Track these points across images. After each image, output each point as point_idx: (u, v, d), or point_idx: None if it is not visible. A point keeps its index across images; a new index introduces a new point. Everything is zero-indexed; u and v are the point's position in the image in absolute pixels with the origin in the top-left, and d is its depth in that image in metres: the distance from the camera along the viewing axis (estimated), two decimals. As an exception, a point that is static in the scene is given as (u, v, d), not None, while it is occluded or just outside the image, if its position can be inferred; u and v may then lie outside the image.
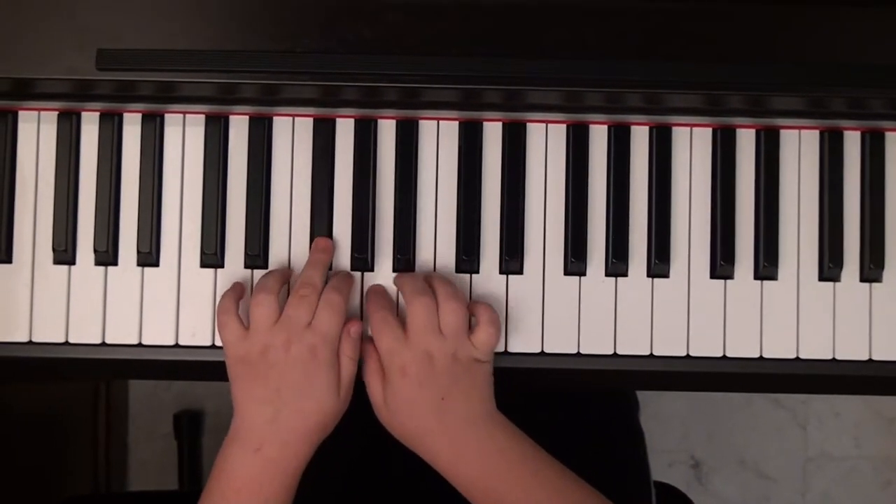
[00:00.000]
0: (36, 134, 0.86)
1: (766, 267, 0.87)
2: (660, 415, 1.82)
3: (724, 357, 0.87)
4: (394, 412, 0.81)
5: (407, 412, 0.80)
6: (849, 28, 0.81)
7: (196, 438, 1.77)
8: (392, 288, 0.86)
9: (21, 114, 0.86)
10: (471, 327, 0.82)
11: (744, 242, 0.87)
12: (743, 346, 0.87)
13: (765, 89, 0.82)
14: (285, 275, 0.84)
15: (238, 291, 0.84)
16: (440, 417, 0.79)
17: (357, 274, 0.86)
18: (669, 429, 1.83)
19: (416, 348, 0.80)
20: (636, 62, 0.80)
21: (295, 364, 0.79)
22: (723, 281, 0.87)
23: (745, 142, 0.88)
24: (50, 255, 0.86)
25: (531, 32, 0.80)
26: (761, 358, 0.87)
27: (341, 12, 0.80)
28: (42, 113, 0.86)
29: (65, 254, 0.86)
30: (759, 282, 0.87)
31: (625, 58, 0.80)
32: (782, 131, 0.88)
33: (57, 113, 0.86)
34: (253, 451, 0.79)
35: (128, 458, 1.76)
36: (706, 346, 0.87)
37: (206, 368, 0.86)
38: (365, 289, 0.85)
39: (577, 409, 1.05)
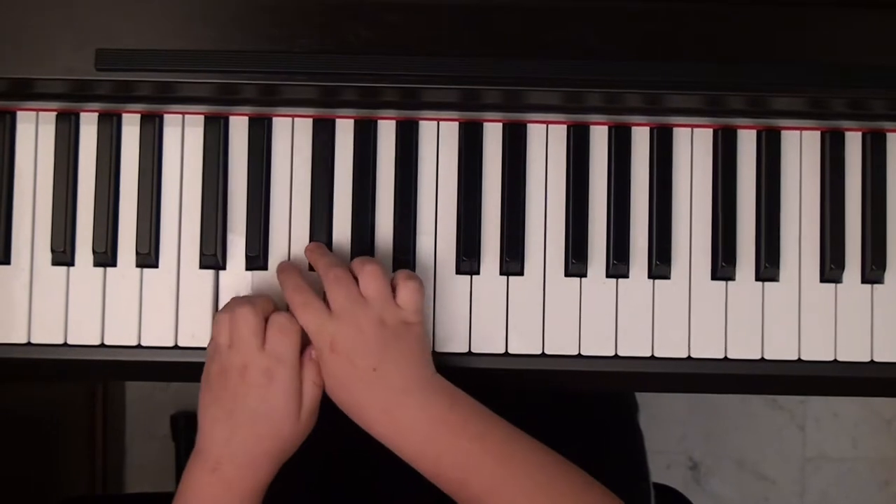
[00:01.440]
0: (34, 134, 0.86)
1: (768, 268, 0.87)
2: (658, 416, 1.82)
3: (726, 358, 0.87)
4: (331, 390, 0.79)
5: (342, 388, 0.78)
6: (849, 29, 0.81)
7: (193, 440, 1.76)
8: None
9: (19, 114, 0.86)
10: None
11: (745, 244, 0.87)
12: (744, 348, 0.87)
13: (766, 90, 0.82)
14: (251, 299, 0.81)
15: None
16: (373, 389, 0.77)
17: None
18: (667, 430, 1.83)
19: (341, 320, 0.78)
20: (637, 63, 0.80)
21: (250, 388, 0.77)
22: (724, 282, 0.87)
23: (746, 142, 0.88)
24: (48, 256, 0.85)
25: (531, 32, 0.80)
26: (763, 359, 0.87)
27: (341, 12, 0.79)
28: (40, 113, 0.86)
29: (63, 255, 0.85)
30: (760, 283, 0.87)
31: (625, 58, 0.80)
32: (783, 132, 0.88)
33: (55, 113, 0.86)
34: (210, 471, 0.78)
35: (125, 459, 1.75)
36: (708, 348, 0.87)
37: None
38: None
39: (577, 409, 1.04)
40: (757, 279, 0.87)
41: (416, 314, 0.80)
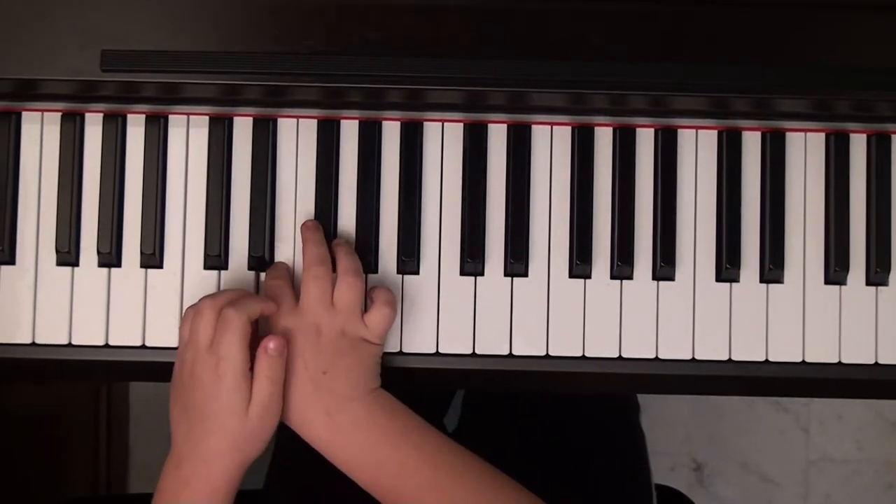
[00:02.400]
0: (39, 135, 0.86)
1: (772, 270, 0.87)
2: (661, 417, 1.82)
3: (730, 360, 0.87)
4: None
5: (288, 383, 0.79)
6: (855, 31, 0.81)
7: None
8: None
9: (24, 115, 0.86)
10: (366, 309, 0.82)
11: (749, 245, 0.87)
12: (749, 350, 0.87)
13: (770, 92, 0.82)
14: (221, 299, 0.81)
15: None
16: (318, 391, 0.78)
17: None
18: (671, 431, 1.83)
19: (305, 318, 0.80)
20: (641, 64, 0.80)
21: (197, 385, 0.78)
22: (729, 284, 0.87)
23: (751, 144, 0.88)
24: (53, 256, 0.86)
25: (536, 34, 0.80)
26: (767, 361, 0.87)
27: (346, 14, 0.79)
28: (45, 114, 0.86)
29: (68, 255, 0.85)
30: (765, 285, 0.87)
31: (630, 60, 0.80)
32: (788, 134, 0.88)
33: (60, 114, 0.86)
34: (175, 468, 0.79)
35: (129, 459, 1.75)
36: (712, 350, 0.86)
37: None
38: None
39: (578, 410, 1.04)
40: (762, 281, 0.87)
41: (378, 338, 0.81)
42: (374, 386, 0.81)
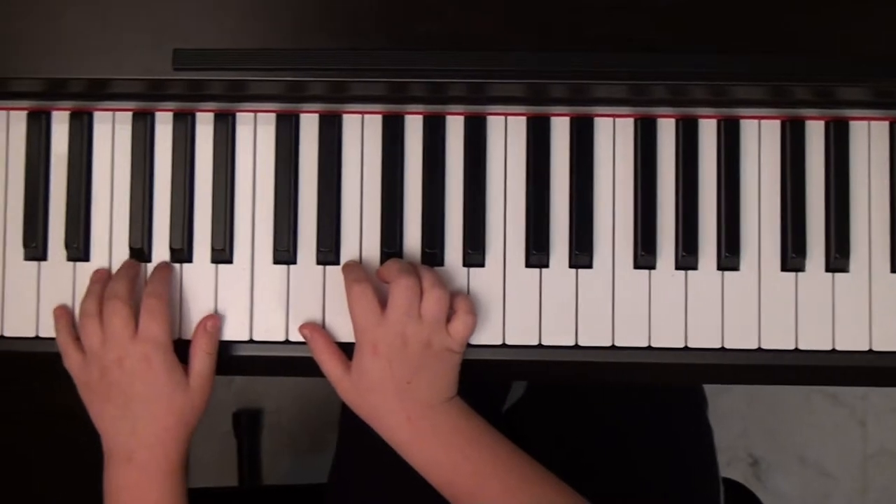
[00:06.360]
0: (111, 134, 0.88)
1: (838, 259, 0.86)
2: (717, 412, 1.80)
3: (797, 350, 0.86)
4: (357, 387, 0.82)
5: (371, 389, 0.81)
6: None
7: (255, 436, 1.78)
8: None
9: (96, 115, 0.88)
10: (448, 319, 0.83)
11: (815, 235, 0.87)
12: (815, 339, 0.86)
13: (833, 80, 0.82)
14: (99, 294, 0.84)
15: (69, 318, 0.85)
16: (401, 399, 0.80)
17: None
18: (728, 425, 1.82)
19: (391, 329, 0.80)
20: (704, 54, 0.80)
21: (133, 377, 0.81)
22: (794, 273, 0.87)
23: (815, 133, 0.88)
24: (126, 253, 0.87)
25: (598, 26, 0.80)
26: (834, 350, 0.86)
27: (410, 9, 0.80)
28: (117, 113, 0.88)
29: (140, 252, 0.87)
30: (830, 274, 0.87)
31: (692, 50, 0.80)
32: (852, 122, 0.88)
33: (131, 113, 0.87)
34: (126, 463, 0.82)
35: (189, 455, 1.77)
36: (778, 339, 0.86)
37: (280, 363, 0.87)
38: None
39: (647, 404, 1.04)
40: (827, 270, 0.87)
41: (461, 346, 0.83)
42: (453, 394, 0.83)
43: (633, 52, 0.80)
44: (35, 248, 0.87)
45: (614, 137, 0.88)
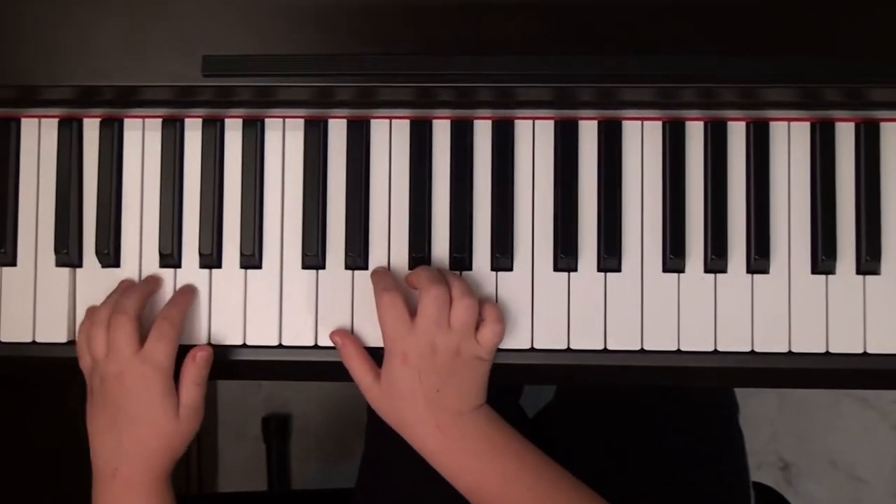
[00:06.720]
0: (141, 141, 0.89)
1: (869, 261, 0.86)
2: (747, 416, 1.78)
3: (828, 353, 0.86)
4: (387, 395, 0.82)
5: (400, 397, 0.81)
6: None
7: (284, 441, 1.79)
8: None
9: (126, 122, 0.89)
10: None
11: (845, 237, 0.86)
12: (846, 342, 0.86)
13: (864, 81, 0.81)
14: (112, 304, 0.84)
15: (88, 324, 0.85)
16: (430, 407, 0.81)
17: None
18: (758, 430, 1.81)
19: (421, 337, 0.80)
20: (736, 57, 0.80)
21: (128, 394, 0.82)
22: (824, 276, 0.86)
23: (845, 135, 0.87)
24: (156, 259, 0.88)
25: (627, 30, 0.80)
26: (865, 353, 0.86)
27: (437, 14, 0.80)
28: (146, 120, 0.88)
29: (170, 258, 0.87)
30: (861, 277, 0.86)
31: (720, 53, 0.80)
32: (882, 124, 0.87)
33: (161, 120, 0.88)
34: (111, 478, 0.83)
35: (218, 460, 1.79)
36: (809, 342, 0.86)
37: (309, 368, 0.87)
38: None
39: (678, 408, 1.04)
40: (858, 272, 0.86)
41: (489, 354, 0.83)
42: (482, 401, 0.83)
43: (662, 55, 0.80)
44: (66, 254, 0.88)
45: (642, 140, 0.87)
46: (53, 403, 1.20)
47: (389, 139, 0.88)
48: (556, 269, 0.87)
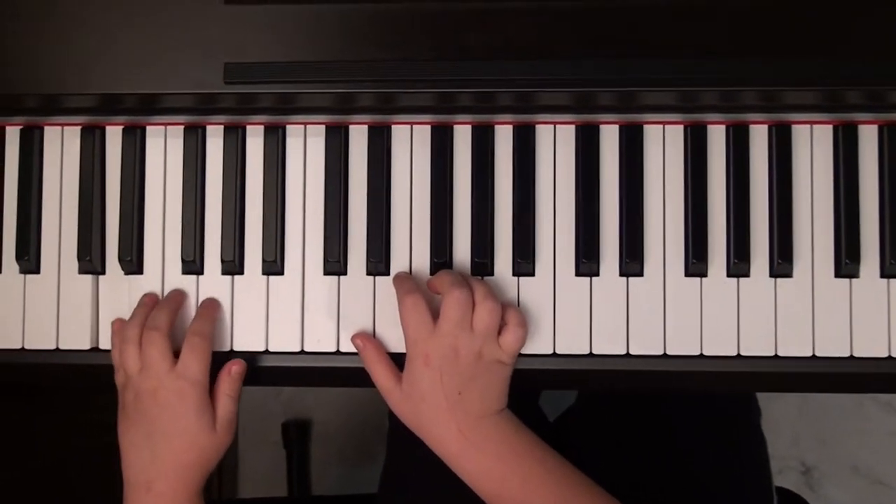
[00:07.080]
0: (163, 148, 0.89)
1: (893, 264, 0.85)
2: (768, 420, 1.77)
3: (852, 357, 0.85)
4: (408, 398, 0.82)
5: (422, 400, 0.81)
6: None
7: (304, 447, 1.80)
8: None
9: (149, 129, 0.89)
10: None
11: (868, 240, 0.86)
12: (870, 346, 0.85)
13: (887, 84, 0.81)
14: (141, 320, 0.85)
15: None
16: (452, 410, 0.81)
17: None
18: (779, 434, 1.80)
19: (443, 340, 0.80)
20: (758, 61, 0.79)
21: (163, 409, 0.82)
22: (848, 280, 0.86)
23: (868, 137, 0.87)
24: (179, 266, 0.88)
25: (648, 33, 0.80)
26: (890, 357, 0.85)
27: (460, 18, 0.80)
28: (168, 128, 0.89)
29: (193, 264, 0.88)
30: (885, 280, 0.86)
31: (741, 56, 0.80)
32: (905, 127, 0.87)
33: (183, 127, 0.88)
34: (145, 492, 0.83)
35: (238, 465, 1.79)
36: (832, 346, 0.85)
37: (331, 374, 0.87)
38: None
39: (701, 412, 1.04)
40: (882, 276, 0.86)
41: (511, 358, 0.83)
42: (504, 405, 0.83)
43: (684, 58, 0.79)
44: (89, 261, 0.88)
45: (664, 144, 0.87)
46: (61, 410, 1.21)
47: (410, 145, 0.88)
48: (578, 273, 0.87)
